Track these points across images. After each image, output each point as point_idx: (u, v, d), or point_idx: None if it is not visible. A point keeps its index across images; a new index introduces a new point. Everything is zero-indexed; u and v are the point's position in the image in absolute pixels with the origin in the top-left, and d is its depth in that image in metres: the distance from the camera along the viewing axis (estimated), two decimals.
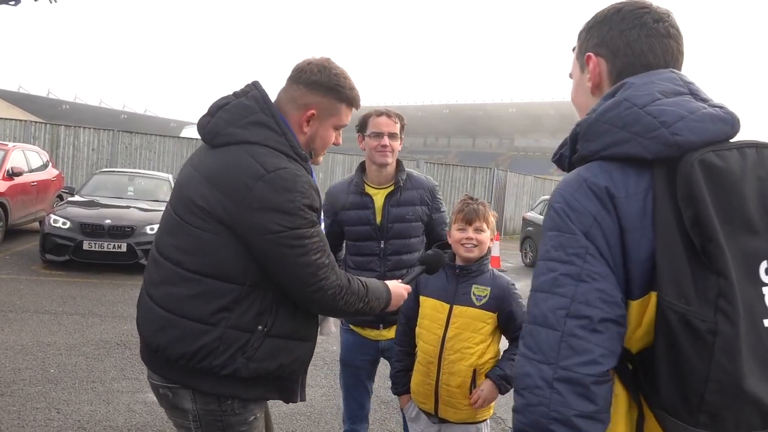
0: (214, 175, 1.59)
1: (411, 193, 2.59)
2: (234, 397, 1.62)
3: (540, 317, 1.00)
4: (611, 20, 1.15)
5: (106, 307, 6.23)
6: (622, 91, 1.06)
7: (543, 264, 1.03)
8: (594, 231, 0.98)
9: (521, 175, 21.87)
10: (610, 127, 1.02)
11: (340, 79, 1.71)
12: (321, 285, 1.58)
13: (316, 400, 4.20)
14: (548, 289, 1.00)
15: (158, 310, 1.62)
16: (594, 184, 1.00)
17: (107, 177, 10.09)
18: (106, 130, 16.09)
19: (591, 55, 1.17)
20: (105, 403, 3.84)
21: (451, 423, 2.20)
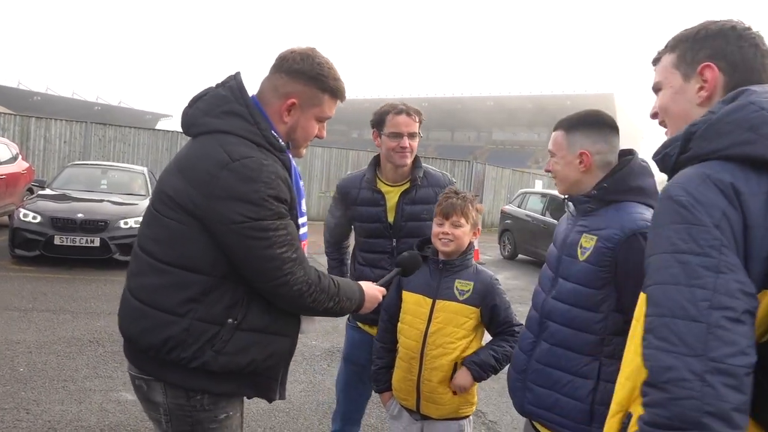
0: (184, 164, 1.59)
1: (427, 191, 2.49)
2: (204, 392, 1.59)
3: (678, 309, 0.98)
4: (727, 35, 1.19)
5: (78, 303, 6.08)
6: (745, 95, 1.07)
7: (668, 257, 1.01)
8: (723, 225, 0.99)
9: (499, 168, 22.01)
10: (734, 128, 1.04)
11: (324, 68, 1.68)
12: (286, 280, 1.55)
13: (294, 396, 4.14)
14: (684, 282, 0.98)
15: (132, 300, 1.62)
16: (719, 180, 1.01)
17: (80, 170, 9.82)
18: (79, 122, 15.70)
19: (712, 65, 1.19)
20: (77, 402, 3.74)
21: (434, 420, 2.17)
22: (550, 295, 1.78)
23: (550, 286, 1.80)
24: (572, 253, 1.74)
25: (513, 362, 1.89)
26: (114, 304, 6.09)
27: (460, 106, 65.54)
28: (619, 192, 1.71)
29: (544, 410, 1.74)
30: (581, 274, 1.69)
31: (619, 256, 1.62)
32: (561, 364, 1.71)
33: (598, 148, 1.75)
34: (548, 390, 1.73)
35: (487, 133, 73.35)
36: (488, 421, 4.00)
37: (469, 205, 2.14)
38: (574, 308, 1.69)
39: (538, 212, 11.90)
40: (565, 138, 1.79)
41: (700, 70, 1.20)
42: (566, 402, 1.68)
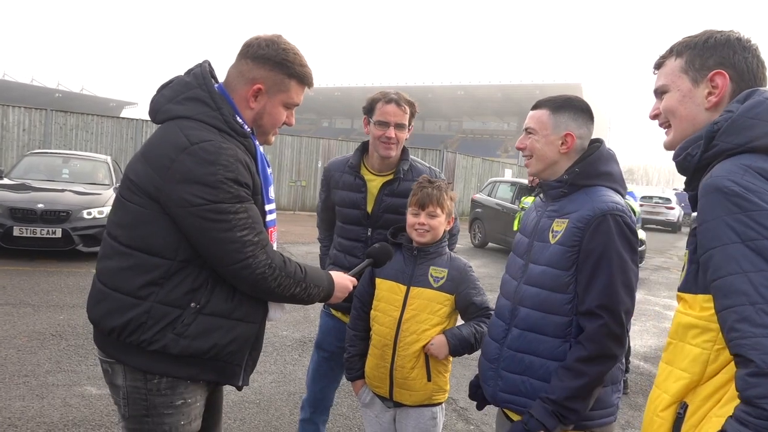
0: (147, 150, 1.61)
1: (410, 184, 2.41)
2: (163, 375, 1.59)
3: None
4: (734, 45, 1.27)
5: (39, 296, 5.89)
6: (759, 94, 1.16)
7: (738, 246, 1.03)
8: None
9: (470, 157, 22.16)
10: (758, 121, 1.12)
11: (289, 54, 1.68)
12: (248, 263, 1.54)
13: (265, 387, 4.10)
14: (765, 268, 1.00)
15: (97, 283, 1.64)
16: (760, 168, 1.06)
17: (40, 159, 9.50)
18: (39, 110, 15.17)
19: (723, 73, 1.26)
20: (38, 398, 3.62)
21: (406, 407, 2.16)
22: (521, 281, 1.79)
23: (521, 273, 1.81)
24: (544, 238, 1.76)
25: (484, 351, 1.90)
26: (77, 296, 5.96)
27: (431, 95, 65.62)
28: (590, 176, 1.74)
29: (517, 396, 1.76)
30: (552, 256, 1.71)
31: (586, 235, 1.65)
32: (533, 348, 1.73)
33: (581, 133, 1.79)
34: (521, 375, 1.74)
35: (458, 122, 73.71)
36: (459, 407, 4.03)
37: (444, 195, 2.13)
38: (543, 291, 1.71)
39: (507, 200, 12.04)
40: (551, 117, 1.79)
41: (711, 76, 1.26)
42: (540, 386, 1.70)
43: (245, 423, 3.58)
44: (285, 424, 3.61)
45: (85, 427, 3.31)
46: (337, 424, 3.69)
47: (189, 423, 1.67)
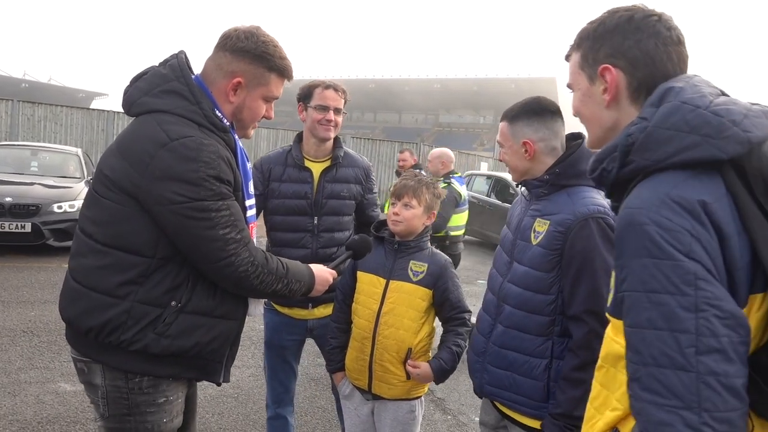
0: (122, 144, 1.56)
1: (347, 170, 2.54)
2: (145, 374, 1.57)
3: (662, 359, 0.90)
4: (624, 30, 1.11)
5: (9, 292, 5.76)
6: (673, 95, 1.02)
7: (643, 297, 0.93)
8: (695, 248, 0.91)
9: None
10: (675, 133, 0.98)
11: (269, 47, 1.65)
12: (230, 261, 1.52)
13: (243, 381, 4.10)
14: (663, 326, 0.91)
15: (71, 281, 1.60)
16: (679, 197, 0.93)
17: (7, 151, 9.20)
18: (5, 100, 14.71)
19: (610, 68, 1.13)
20: (10, 395, 3.56)
21: (385, 400, 2.18)
22: (506, 278, 1.82)
23: (506, 269, 1.84)
24: (526, 237, 1.78)
25: (472, 345, 1.94)
26: (48, 292, 5.84)
27: (408, 88, 65.62)
28: (571, 176, 1.74)
29: (502, 390, 1.80)
30: (533, 258, 1.73)
31: (568, 240, 1.66)
32: (516, 345, 1.76)
33: (540, 136, 1.79)
34: (505, 371, 1.78)
35: (434, 115, 73.84)
36: (437, 398, 4.08)
37: (423, 188, 2.15)
38: (527, 291, 1.74)
39: (483, 194, 12.14)
40: (509, 128, 1.84)
41: (600, 72, 1.14)
42: (523, 381, 1.75)
43: (223, 417, 3.57)
44: (263, 417, 3.59)
45: (59, 423, 3.27)
46: (315, 416, 3.70)
47: (171, 420, 1.65)
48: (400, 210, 2.13)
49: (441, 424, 3.73)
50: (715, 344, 0.88)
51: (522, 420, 1.80)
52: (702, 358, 0.88)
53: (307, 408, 3.81)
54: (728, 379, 0.88)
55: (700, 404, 0.88)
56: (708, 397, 0.87)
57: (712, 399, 0.87)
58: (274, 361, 2.67)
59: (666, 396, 0.90)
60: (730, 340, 0.89)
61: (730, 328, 0.89)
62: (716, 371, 0.88)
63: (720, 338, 0.88)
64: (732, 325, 0.89)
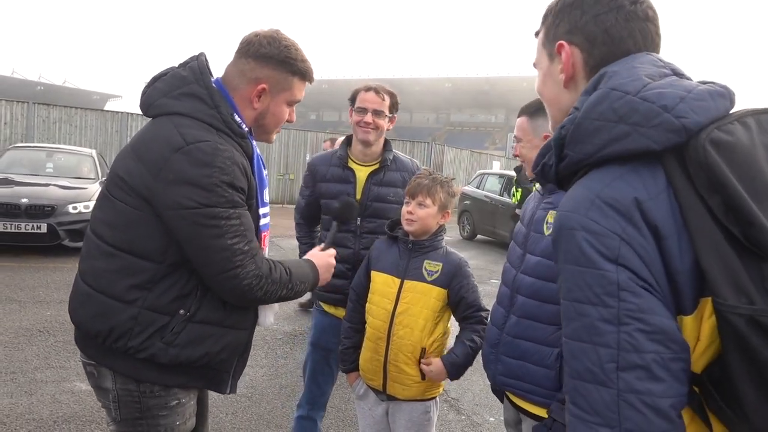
0: (138, 146, 1.54)
1: (394, 174, 2.52)
2: (152, 383, 1.55)
3: (585, 373, 0.85)
4: (583, 3, 1.02)
5: (25, 292, 5.82)
6: (605, 81, 0.93)
7: (569, 306, 0.89)
8: (624, 252, 0.83)
9: (458, 149, 22.20)
10: (602, 123, 0.89)
11: (291, 51, 1.64)
12: (236, 273, 1.48)
13: (257, 381, 4.10)
14: (585, 339, 0.85)
15: (81, 284, 1.58)
16: (610, 197, 0.86)
17: (23, 153, 9.33)
18: (21, 103, 14.90)
19: (564, 44, 1.04)
20: (27, 394, 3.59)
21: (399, 400, 2.17)
22: (519, 270, 1.85)
23: (519, 262, 1.87)
24: (539, 229, 1.82)
25: (486, 337, 1.96)
26: (64, 292, 5.89)
27: (419, 87, 65.54)
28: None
29: (515, 380, 1.83)
30: (546, 248, 1.77)
31: None
32: (529, 334, 1.79)
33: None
34: (518, 360, 1.81)
35: (445, 114, 73.73)
36: (450, 398, 4.06)
37: (437, 187, 2.13)
38: (539, 280, 1.78)
39: (496, 193, 12.08)
40: (529, 123, 1.89)
41: (557, 49, 1.05)
42: (535, 370, 1.77)
43: (237, 416, 3.58)
44: (277, 417, 3.61)
45: (75, 423, 3.29)
46: (329, 416, 3.70)
47: (184, 422, 1.64)
48: (414, 209, 2.12)
49: (455, 425, 3.71)
50: (638, 360, 0.81)
51: (533, 410, 1.82)
52: (623, 375, 0.82)
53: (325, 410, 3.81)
54: (652, 398, 0.81)
55: (620, 423, 0.82)
56: (629, 416, 0.82)
57: (633, 419, 0.81)
58: (316, 363, 2.66)
59: (588, 412, 0.85)
60: (657, 356, 0.81)
61: (658, 343, 0.81)
62: (638, 389, 0.81)
63: (643, 354, 0.81)
64: (660, 340, 0.82)
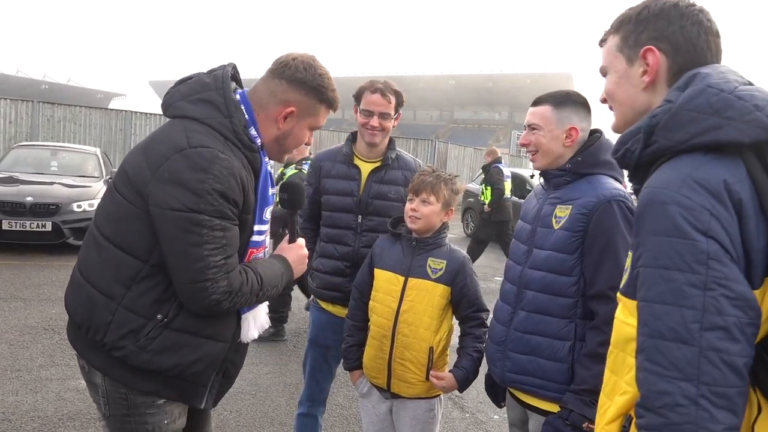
0: (147, 144, 1.57)
1: (396, 173, 2.51)
2: (123, 384, 1.54)
3: (668, 332, 0.94)
4: (670, 15, 1.14)
5: (30, 290, 5.85)
6: (699, 80, 1.04)
7: (655, 272, 0.97)
8: (714, 226, 0.94)
9: (461, 146, 22.15)
10: (698, 114, 0.99)
11: (324, 80, 1.67)
12: (205, 285, 1.45)
13: (261, 379, 4.11)
14: (672, 302, 0.95)
15: (76, 272, 1.61)
16: (700, 178, 0.96)
17: (27, 151, 9.36)
18: (25, 101, 14.94)
19: (653, 49, 1.14)
20: (32, 392, 3.61)
21: (404, 398, 2.16)
22: (526, 266, 1.85)
23: (525, 258, 1.86)
24: (547, 224, 1.83)
25: (491, 334, 1.95)
26: None
27: (422, 84, 65.42)
28: (592, 165, 1.83)
29: (525, 376, 1.82)
30: (557, 242, 1.78)
31: (591, 221, 1.72)
32: (540, 329, 1.79)
33: (583, 126, 1.87)
34: (528, 356, 1.80)
35: (449, 112, 73.59)
36: (455, 396, 4.06)
37: (441, 184, 2.12)
38: (549, 274, 1.78)
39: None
40: (554, 113, 1.87)
41: (643, 53, 1.15)
42: (547, 365, 1.77)
43: (241, 414, 3.58)
44: (281, 414, 3.62)
45: (80, 420, 3.30)
46: (333, 414, 3.70)
47: (173, 421, 1.63)
48: (418, 206, 2.10)
49: (459, 422, 3.71)
50: (721, 322, 0.92)
51: (542, 405, 1.81)
52: (706, 334, 0.92)
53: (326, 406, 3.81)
54: (730, 356, 0.91)
55: (699, 377, 0.92)
56: (708, 371, 0.91)
57: (711, 373, 0.91)
58: (315, 360, 2.66)
59: (668, 367, 0.94)
60: (737, 320, 0.92)
61: (738, 309, 0.92)
62: (718, 348, 0.91)
63: (726, 317, 0.92)
64: (741, 306, 0.92)
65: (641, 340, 0.99)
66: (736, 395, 0.92)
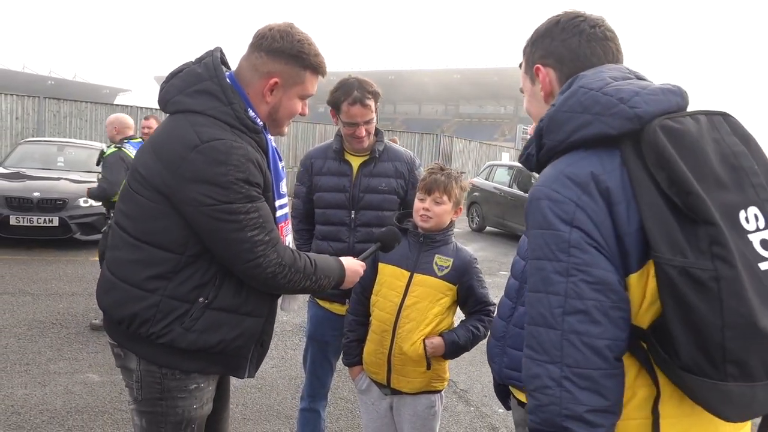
0: (156, 143, 1.59)
1: (386, 165, 2.49)
2: (171, 367, 1.61)
3: (538, 317, 1.02)
4: (552, 32, 1.26)
5: (38, 285, 5.89)
6: (576, 82, 1.12)
7: (532, 264, 1.05)
8: (579, 216, 1.00)
9: (466, 141, 22.11)
10: (571, 114, 1.07)
11: (304, 45, 1.65)
12: (258, 262, 1.55)
13: (267, 372, 4.13)
14: (541, 289, 1.02)
15: (106, 272, 1.66)
16: (571, 173, 1.03)
17: (34, 147, 9.44)
18: (31, 97, 15.03)
19: (539, 67, 1.26)
20: (41, 385, 3.64)
21: (404, 394, 2.16)
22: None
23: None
24: None
25: (492, 330, 1.92)
26: (76, 284, 5.96)
27: (427, 78, 65.26)
28: None
29: (520, 372, 1.79)
30: None
31: None
32: None
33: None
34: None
35: (454, 106, 73.38)
36: (459, 389, 4.07)
37: (453, 183, 2.11)
38: None
39: (505, 185, 12.02)
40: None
41: (535, 71, 1.28)
42: None
43: (247, 407, 3.61)
44: (287, 408, 3.64)
45: (88, 413, 3.34)
46: (338, 407, 3.72)
47: (201, 407, 1.69)
48: (431, 206, 2.09)
49: (463, 416, 3.72)
50: (580, 306, 0.97)
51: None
52: (567, 318, 0.98)
53: (330, 399, 3.82)
54: (590, 338, 0.97)
55: (562, 359, 0.98)
56: (570, 353, 0.97)
57: (573, 356, 0.97)
58: (314, 356, 2.67)
59: (538, 351, 1.01)
60: (598, 303, 0.97)
61: (598, 292, 0.97)
62: (578, 330, 0.97)
63: (585, 301, 0.97)
64: (600, 290, 0.97)
65: (525, 328, 1.06)
66: (601, 377, 0.96)
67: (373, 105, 2.40)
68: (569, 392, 0.96)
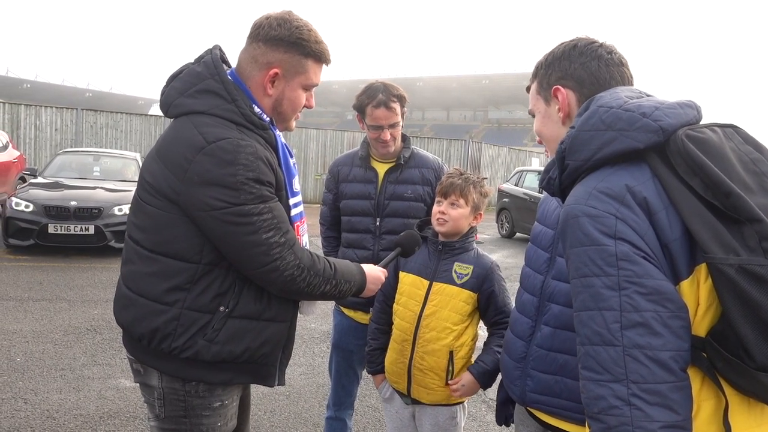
0: (161, 149, 1.52)
1: (412, 171, 2.46)
2: (198, 381, 1.56)
3: (594, 336, 0.98)
4: (570, 55, 1.28)
5: (74, 291, 6.05)
6: (594, 102, 1.14)
7: (577, 282, 1.02)
8: (621, 228, 0.98)
9: (495, 146, 21.93)
10: (594, 132, 1.08)
11: (303, 31, 1.56)
12: (276, 265, 1.47)
13: (294, 380, 4.14)
14: (592, 306, 0.98)
15: (123, 288, 1.60)
16: (604, 188, 1.02)
17: (72, 157, 9.73)
18: (70, 109, 15.54)
19: (559, 88, 1.27)
20: (75, 390, 3.72)
21: (424, 404, 2.11)
22: (549, 275, 1.67)
23: (546, 266, 1.68)
24: None
25: (509, 350, 1.75)
26: (111, 291, 6.08)
27: (456, 84, 65.07)
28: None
29: (550, 397, 1.63)
30: None
31: None
32: (567, 347, 1.58)
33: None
34: (554, 375, 1.61)
35: (483, 111, 72.96)
36: (488, 399, 4.00)
37: (470, 187, 2.06)
38: None
39: (535, 190, 11.86)
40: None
41: (553, 92, 1.29)
42: (574, 384, 1.52)
43: (275, 415, 3.62)
44: (314, 415, 3.64)
45: (120, 418, 3.39)
46: (366, 416, 3.70)
47: (225, 424, 1.64)
48: (447, 209, 2.05)
49: (493, 426, 3.65)
50: (638, 318, 0.94)
51: (567, 427, 1.62)
52: (626, 332, 0.94)
53: (357, 407, 3.80)
54: (653, 351, 0.93)
55: (627, 376, 0.94)
56: (634, 369, 0.93)
57: (638, 371, 0.93)
58: (339, 364, 2.66)
59: (598, 371, 0.97)
60: (655, 314, 0.94)
61: (654, 303, 0.94)
62: (640, 344, 0.93)
63: (642, 312, 0.94)
64: (657, 300, 0.94)
65: (578, 350, 1.02)
66: (670, 391, 0.93)
67: (399, 108, 2.37)
68: (640, 410, 0.92)
